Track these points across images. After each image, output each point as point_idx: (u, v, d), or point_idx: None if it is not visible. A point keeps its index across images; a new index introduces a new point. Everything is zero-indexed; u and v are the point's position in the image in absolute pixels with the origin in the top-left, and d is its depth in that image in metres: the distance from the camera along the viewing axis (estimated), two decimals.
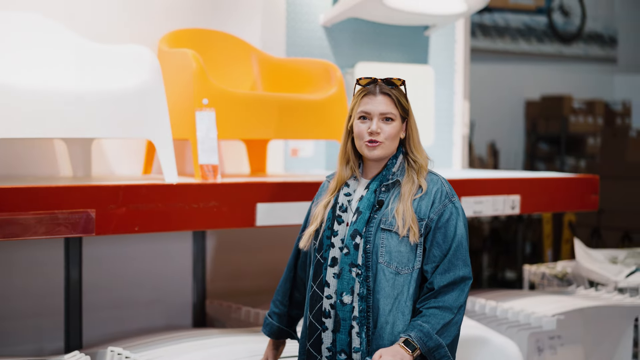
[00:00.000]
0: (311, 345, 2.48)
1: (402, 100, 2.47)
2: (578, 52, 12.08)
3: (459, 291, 2.36)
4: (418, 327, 2.30)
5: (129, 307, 4.00)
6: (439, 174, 2.52)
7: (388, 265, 2.39)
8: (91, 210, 2.90)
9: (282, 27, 4.32)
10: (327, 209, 2.52)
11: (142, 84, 3.16)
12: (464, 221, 2.44)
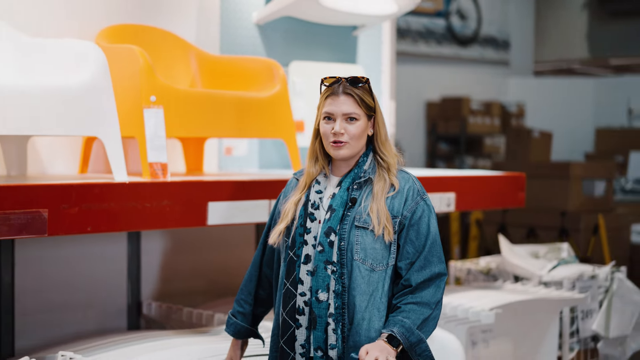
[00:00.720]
0: (285, 342, 2.48)
1: (365, 98, 2.49)
2: (474, 55, 12.43)
3: (435, 287, 2.40)
4: (400, 322, 2.33)
5: (61, 311, 3.87)
6: (409, 172, 2.56)
7: (363, 262, 2.41)
8: (43, 210, 2.80)
9: (217, 24, 4.28)
10: (298, 206, 2.52)
11: (89, 80, 3.07)
12: (435, 218, 2.49)
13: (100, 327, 3.94)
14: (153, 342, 3.14)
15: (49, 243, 3.77)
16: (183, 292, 4.24)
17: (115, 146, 3.12)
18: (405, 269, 2.42)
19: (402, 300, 2.38)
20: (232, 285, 4.43)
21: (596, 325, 4.53)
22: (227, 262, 4.40)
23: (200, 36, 4.17)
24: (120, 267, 4.00)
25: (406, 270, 2.42)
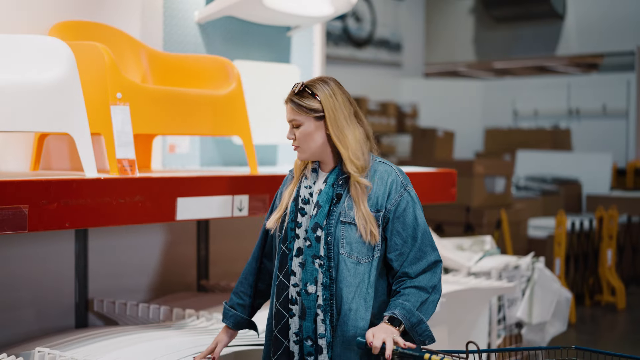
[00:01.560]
0: (278, 331, 2.59)
1: (304, 103, 2.57)
2: (369, 57, 12.75)
3: (431, 273, 2.54)
4: (400, 305, 2.46)
5: (7, 311, 3.81)
6: (391, 164, 2.66)
7: (349, 256, 2.53)
8: (24, 206, 2.79)
9: (160, 23, 4.31)
10: (290, 200, 2.63)
11: (59, 77, 3.07)
12: (420, 207, 2.62)
13: (48, 325, 3.90)
14: (126, 336, 3.17)
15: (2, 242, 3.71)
16: (128, 289, 4.24)
17: (86, 142, 3.13)
18: (396, 260, 2.54)
19: (401, 285, 2.52)
20: (178, 281, 4.47)
21: (520, 312, 4.81)
22: (172, 259, 4.43)
23: (144, 34, 4.19)
24: (67, 266, 3.97)
25: (398, 262, 2.54)
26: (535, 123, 12.80)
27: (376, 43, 12.89)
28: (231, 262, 4.72)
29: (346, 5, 4.67)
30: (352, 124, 2.59)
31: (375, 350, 2.36)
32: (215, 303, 3.97)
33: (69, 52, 3.12)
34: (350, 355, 2.51)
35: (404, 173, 2.65)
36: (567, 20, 13.03)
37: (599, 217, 7.98)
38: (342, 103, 2.59)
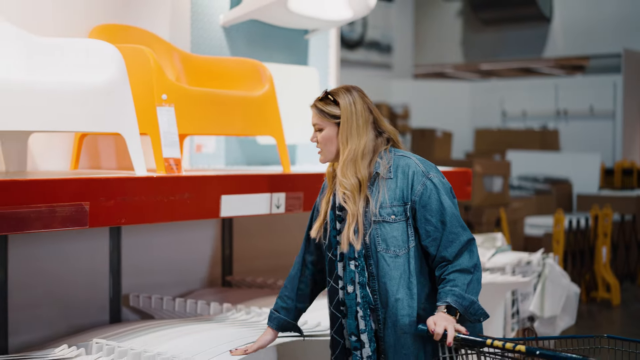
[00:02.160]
0: (334, 332, 2.77)
1: (326, 109, 2.74)
2: (360, 58, 12.91)
3: (469, 252, 2.67)
4: (450, 292, 2.60)
5: (48, 307, 3.90)
6: (411, 155, 2.77)
7: (386, 252, 2.68)
8: (85, 202, 2.91)
9: (187, 26, 4.43)
10: (328, 208, 2.77)
11: (110, 79, 3.19)
12: (445, 192, 2.70)
13: (84, 321, 4.00)
14: (174, 328, 3.29)
15: (36, 241, 3.81)
16: (157, 285, 4.35)
17: (136, 142, 3.25)
18: (431, 246, 2.67)
19: (444, 272, 2.65)
20: (203, 278, 4.59)
21: (533, 306, 4.98)
22: (197, 257, 4.55)
23: (173, 37, 4.31)
24: (102, 263, 4.08)
25: (433, 247, 2.67)
26: (523, 124, 13.02)
27: (367, 45, 13.06)
28: (253, 260, 4.85)
29: (364, 9, 4.82)
30: (363, 133, 2.71)
31: (437, 337, 2.50)
32: (245, 297, 4.09)
33: (119, 55, 3.25)
34: (405, 342, 2.65)
35: (425, 161, 2.76)
36: (554, 23, 13.27)
37: (594, 215, 8.18)
38: (360, 112, 2.72)
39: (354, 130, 2.70)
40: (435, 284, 2.71)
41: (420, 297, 2.68)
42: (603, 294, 8.07)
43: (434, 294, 2.70)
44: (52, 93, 3.00)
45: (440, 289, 2.64)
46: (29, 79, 2.98)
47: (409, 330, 2.64)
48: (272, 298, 4.05)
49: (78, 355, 2.96)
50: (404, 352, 2.65)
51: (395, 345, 2.66)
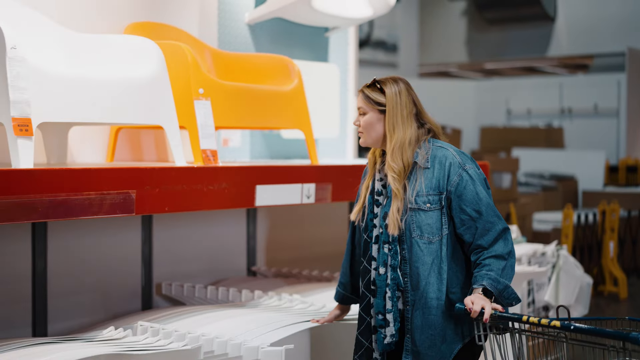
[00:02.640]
0: (362, 309, 2.93)
1: (372, 96, 2.88)
2: (367, 57, 13.05)
3: (503, 240, 2.81)
4: (486, 276, 2.74)
5: (84, 294, 4.04)
6: (449, 146, 2.89)
7: (420, 238, 2.82)
8: (132, 191, 3.06)
9: (215, 24, 4.57)
10: (367, 193, 2.92)
11: (152, 73, 3.34)
12: (480, 182, 2.83)
13: (117, 308, 4.14)
14: (211, 312, 3.43)
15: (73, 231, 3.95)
16: (185, 274, 4.49)
17: (176, 134, 3.40)
18: (467, 234, 2.80)
19: (480, 257, 2.79)
20: (229, 267, 4.73)
21: (548, 296, 5.12)
22: (223, 247, 4.69)
23: (202, 34, 4.45)
24: (134, 252, 4.22)
25: (469, 236, 2.80)
26: (528, 122, 13.17)
27: (373, 44, 13.21)
28: (276, 252, 4.99)
29: (384, 7, 4.96)
30: (408, 124, 2.84)
31: (474, 314, 2.65)
32: (274, 286, 4.24)
33: (160, 52, 3.39)
34: (432, 322, 2.78)
35: (463, 153, 2.89)
36: (557, 22, 13.41)
37: (601, 210, 8.33)
38: (405, 103, 2.86)
39: (399, 119, 2.84)
40: (464, 270, 2.85)
41: (451, 282, 2.81)
42: (610, 288, 8.22)
43: (464, 279, 2.84)
44: (100, 87, 3.14)
45: (476, 272, 2.78)
46: (76, 73, 3.12)
47: (436, 312, 2.78)
48: (299, 286, 4.20)
49: (125, 336, 3.10)
50: (430, 332, 2.79)
51: (422, 325, 2.80)
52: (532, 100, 13.28)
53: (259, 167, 3.59)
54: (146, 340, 3.02)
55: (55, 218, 2.86)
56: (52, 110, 2.99)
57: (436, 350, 2.77)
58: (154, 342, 2.98)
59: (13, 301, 3.69)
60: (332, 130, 5.10)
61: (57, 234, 3.81)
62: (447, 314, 2.77)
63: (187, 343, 2.95)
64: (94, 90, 3.11)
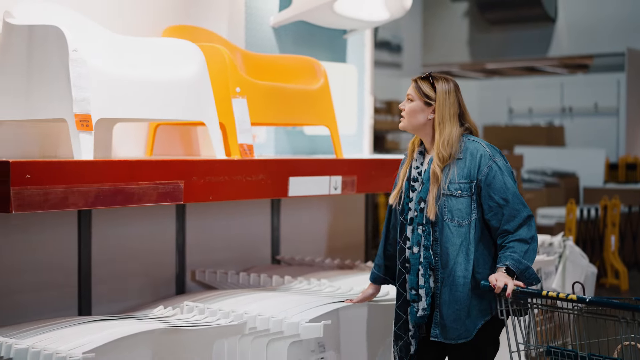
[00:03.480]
0: (399, 285, 3.20)
1: (423, 87, 3.18)
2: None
3: (527, 226, 3.09)
4: (509, 257, 3.03)
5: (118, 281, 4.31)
6: (481, 141, 3.19)
7: (451, 221, 3.11)
8: (180, 181, 3.34)
9: (242, 27, 4.85)
10: (404, 179, 3.20)
11: (194, 74, 3.62)
12: (508, 174, 3.13)
13: (154, 293, 4.42)
14: (249, 295, 3.72)
15: (118, 220, 4.22)
16: (215, 262, 4.77)
17: (217, 130, 3.67)
18: (494, 220, 3.09)
19: (505, 240, 3.08)
20: (255, 256, 5.01)
21: (555, 284, 5.41)
22: (249, 237, 4.97)
23: (230, 36, 4.73)
24: (169, 241, 4.49)
25: (496, 221, 3.09)
26: (530, 121, 13.47)
27: (378, 45, 13.47)
28: (298, 243, 5.27)
29: (400, 10, 5.24)
30: (453, 122, 3.14)
31: (497, 290, 2.93)
32: (300, 273, 4.51)
33: (201, 54, 3.67)
34: (458, 298, 3.06)
35: (492, 147, 3.19)
36: (558, 23, 13.71)
37: (603, 206, 8.62)
38: (452, 102, 3.16)
39: (447, 116, 3.13)
40: (491, 253, 3.13)
41: (477, 263, 3.10)
42: (612, 280, 8.50)
43: (490, 261, 3.13)
44: (149, 86, 3.42)
45: (500, 254, 3.06)
46: (128, 73, 3.40)
47: (463, 290, 3.06)
48: (323, 273, 4.48)
49: (174, 314, 3.38)
50: (456, 307, 3.07)
51: (449, 301, 3.08)
52: (534, 99, 13.58)
53: (291, 160, 3.87)
54: (194, 317, 3.30)
55: (114, 205, 3.14)
56: (109, 107, 3.26)
57: (461, 324, 3.06)
58: (202, 319, 3.26)
59: (61, 286, 3.96)
60: (350, 127, 5.39)
61: (100, 224, 4.09)
62: (473, 291, 3.05)
63: (233, 320, 3.24)
64: (145, 89, 3.39)
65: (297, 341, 3.29)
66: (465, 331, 3.07)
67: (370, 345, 3.77)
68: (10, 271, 3.73)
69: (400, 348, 3.21)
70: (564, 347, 3.08)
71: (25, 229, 3.78)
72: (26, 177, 2.85)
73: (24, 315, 3.75)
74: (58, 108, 3.18)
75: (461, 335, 3.07)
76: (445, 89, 3.15)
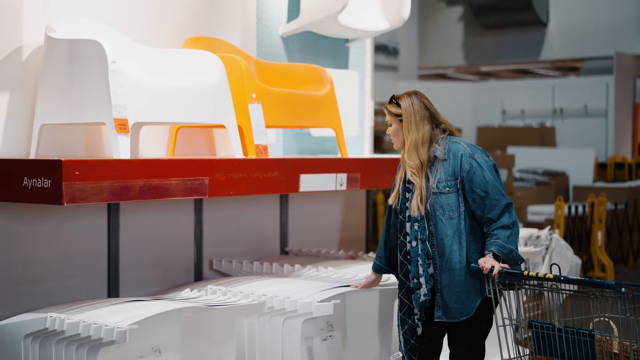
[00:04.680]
0: (402, 275, 3.63)
1: (391, 109, 3.66)
2: None
3: (508, 213, 3.51)
4: (494, 243, 3.46)
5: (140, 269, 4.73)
6: (462, 141, 3.62)
7: (443, 215, 3.54)
8: (205, 177, 3.76)
9: (254, 37, 5.27)
10: (400, 182, 3.64)
11: (216, 82, 4.04)
12: (487, 169, 3.53)
13: (174, 281, 4.84)
14: (264, 280, 4.15)
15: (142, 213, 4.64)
16: (229, 253, 5.19)
17: (235, 131, 4.10)
18: (478, 210, 3.50)
19: (490, 228, 3.51)
20: (265, 247, 5.44)
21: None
22: (259, 230, 5.40)
23: (243, 45, 5.16)
24: (187, 233, 4.91)
25: (480, 210, 3.51)
26: (522, 122, 13.91)
27: (375, 48, 13.91)
28: (304, 235, 5.70)
29: (399, 21, 5.68)
30: (420, 126, 3.58)
31: (485, 271, 3.37)
32: (308, 262, 4.94)
33: (221, 63, 4.09)
34: (457, 282, 3.50)
35: (472, 145, 3.62)
36: (550, 27, 14.16)
37: (590, 203, 9.07)
38: (417, 109, 3.60)
39: (412, 124, 3.58)
40: (480, 240, 3.56)
41: (469, 249, 3.53)
42: (599, 274, 8.95)
43: (479, 246, 3.56)
44: (177, 93, 3.84)
45: (487, 241, 3.50)
46: (158, 82, 3.82)
47: (459, 274, 3.49)
48: (329, 262, 4.90)
49: (200, 295, 3.81)
50: (456, 289, 3.50)
51: (449, 285, 3.52)
52: (526, 101, 14.04)
53: (302, 159, 4.31)
54: (219, 298, 3.73)
55: (149, 198, 3.56)
56: (143, 112, 3.69)
57: (461, 304, 3.49)
58: (225, 300, 3.69)
59: (92, 273, 4.38)
60: (353, 129, 5.81)
61: (127, 216, 4.51)
62: (468, 274, 3.48)
63: (253, 300, 3.67)
64: (173, 96, 3.81)
65: (309, 319, 3.72)
66: (466, 309, 3.50)
67: (373, 325, 4.20)
68: (47, 258, 4.14)
69: (406, 332, 3.64)
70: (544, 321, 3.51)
71: (60, 219, 4.19)
72: (75, 174, 3.28)
73: (59, 298, 4.16)
74: (99, 113, 3.61)
75: (463, 313, 3.49)
76: (408, 103, 3.60)
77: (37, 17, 4.00)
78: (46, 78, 3.84)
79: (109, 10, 4.31)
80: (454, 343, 3.59)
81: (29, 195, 3.34)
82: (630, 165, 12.01)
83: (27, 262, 4.03)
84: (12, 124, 3.94)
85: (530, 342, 3.50)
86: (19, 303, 3.95)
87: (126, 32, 4.34)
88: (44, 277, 4.13)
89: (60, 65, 3.78)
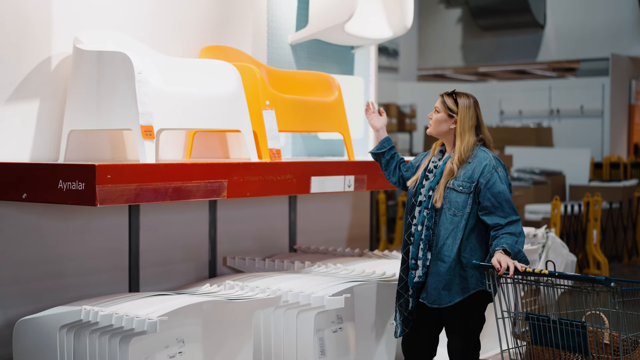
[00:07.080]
0: (404, 254, 3.89)
1: (447, 102, 3.89)
2: None
3: (515, 224, 3.78)
4: (504, 242, 3.70)
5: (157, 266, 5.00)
6: (489, 152, 3.89)
7: (448, 210, 3.81)
8: (224, 180, 4.03)
9: (265, 45, 5.54)
10: (422, 169, 3.91)
11: (232, 90, 4.31)
12: (505, 184, 3.81)
13: (190, 277, 5.11)
14: (278, 276, 4.41)
15: (161, 212, 4.91)
16: (240, 250, 5.46)
17: (250, 137, 4.37)
18: (487, 217, 3.75)
19: (497, 232, 3.76)
20: (274, 245, 5.71)
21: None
22: (269, 229, 5.67)
23: (254, 53, 5.43)
24: (202, 231, 5.18)
25: (489, 218, 3.75)
26: (519, 122, 14.19)
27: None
28: (312, 234, 5.97)
29: (402, 29, 5.94)
30: (471, 132, 3.85)
31: (501, 271, 3.61)
32: (316, 259, 5.21)
33: (237, 72, 4.36)
34: (441, 271, 3.75)
35: (498, 159, 3.89)
36: (547, 29, 14.44)
37: (586, 202, 9.34)
38: (472, 115, 3.86)
39: (467, 127, 3.84)
40: (480, 244, 3.80)
41: (465, 249, 3.79)
42: (594, 271, 9.23)
43: (478, 251, 3.79)
44: (197, 100, 4.11)
45: (495, 241, 3.70)
46: (180, 90, 4.08)
47: (444, 266, 3.74)
48: (338, 259, 5.17)
49: (219, 290, 4.08)
50: (437, 278, 3.77)
51: (434, 273, 3.79)
52: (523, 101, 14.31)
53: (313, 162, 4.57)
54: (237, 292, 4.00)
55: (173, 199, 3.83)
56: (166, 119, 3.96)
57: (437, 293, 3.76)
58: (244, 294, 3.96)
59: (115, 269, 4.65)
60: (358, 132, 6.08)
61: (147, 216, 4.78)
62: (456, 271, 3.74)
63: (270, 294, 3.94)
64: (194, 103, 4.08)
65: (322, 312, 4.00)
66: (438, 299, 3.76)
67: (380, 318, 4.48)
68: (74, 255, 4.41)
69: (400, 304, 3.91)
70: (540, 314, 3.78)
71: (86, 219, 4.46)
72: (107, 177, 3.54)
73: (84, 293, 4.43)
74: (126, 120, 3.88)
75: (435, 302, 3.77)
76: (466, 104, 3.86)
77: (64, 30, 4.26)
78: (75, 87, 4.10)
79: (131, 22, 4.59)
80: (448, 332, 3.87)
81: (63, 196, 3.61)
82: (625, 165, 12.29)
83: (56, 259, 4.30)
84: (42, 129, 4.21)
85: (527, 334, 3.77)
86: (49, 297, 4.23)
87: (147, 42, 4.61)
88: (71, 273, 4.40)
89: (88, 74, 4.04)
